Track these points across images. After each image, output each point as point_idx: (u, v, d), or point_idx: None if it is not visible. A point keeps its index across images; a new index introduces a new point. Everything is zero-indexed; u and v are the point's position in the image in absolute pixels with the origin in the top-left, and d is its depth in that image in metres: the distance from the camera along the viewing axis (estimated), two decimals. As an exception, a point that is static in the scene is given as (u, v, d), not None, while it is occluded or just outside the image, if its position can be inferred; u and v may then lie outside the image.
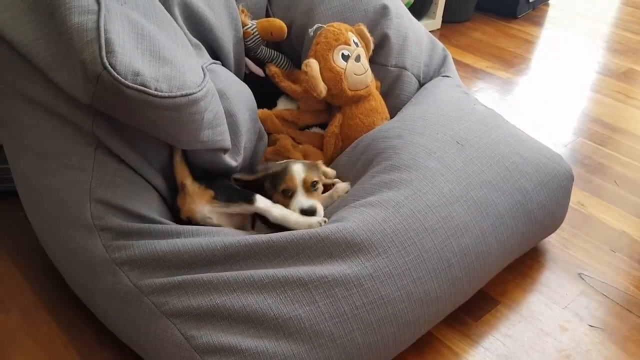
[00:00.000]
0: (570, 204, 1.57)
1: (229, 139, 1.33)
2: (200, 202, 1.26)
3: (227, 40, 1.60)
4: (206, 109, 1.18)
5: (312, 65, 1.52)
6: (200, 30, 1.50)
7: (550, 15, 3.22)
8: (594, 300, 1.44)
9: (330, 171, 1.45)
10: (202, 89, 1.15)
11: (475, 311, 1.38)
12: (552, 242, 1.60)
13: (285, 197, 1.30)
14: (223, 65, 1.54)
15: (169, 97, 1.08)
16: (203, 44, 1.49)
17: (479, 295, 1.38)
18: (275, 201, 1.30)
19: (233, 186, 1.33)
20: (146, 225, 1.17)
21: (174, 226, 1.21)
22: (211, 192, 1.27)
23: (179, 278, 1.10)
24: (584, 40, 2.93)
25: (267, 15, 1.83)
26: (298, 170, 1.31)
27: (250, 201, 1.26)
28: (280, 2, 1.81)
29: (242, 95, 1.47)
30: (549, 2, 3.37)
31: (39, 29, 1.13)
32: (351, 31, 1.59)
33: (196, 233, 1.20)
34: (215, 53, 1.56)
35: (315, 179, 1.32)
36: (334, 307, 1.09)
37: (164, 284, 1.10)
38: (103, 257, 1.15)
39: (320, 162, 1.42)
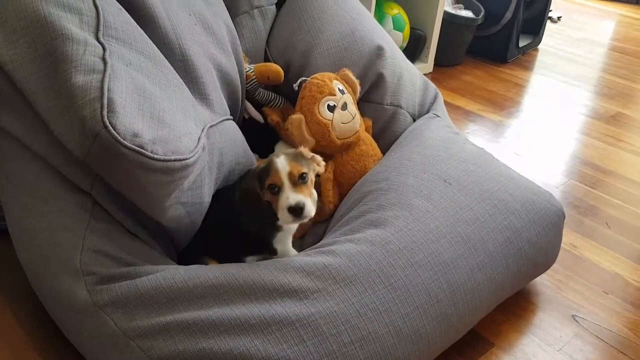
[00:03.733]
0: (563, 245, 1.58)
1: (208, 200, 1.33)
2: None
3: (237, 82, 1.63)
4: (193, 172, 1.19)
5: (293, 122, 1.54)
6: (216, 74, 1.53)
7: (539, 60, 3.29)
8: (588, 343, 1.43)
9: (318, 157, 1.32)
10: (194, 155, 1.16)
11: (470, 353, 1.36)
12: (545, 284, 1.60)
13: (272, 193, 1.23)
14: (229, 107, 1.56)
15: (164, 160, 1.09)
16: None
17: (473, 336, 1.37)
18: (265, 199, 1.26)
19: None
20: (131, 268, 1.17)
21: (157, 266, 1.21)
22: None
23: (164, 320, 1.08)
24: (573, 84, 2.99)
25: (266, 57, 1.86)
26: (282, 163, 1.21)
27: None
28: (278, 44, 1.85)
29: (239, 157, 1.49)
30: (539, 47, 3.45)
31: (40, 81, 1.14)
32: (336, 79, 1.61)
33: (177, 268, 1.19)
34: (228, 97, 1.59)
35: (304, 170, 1.22)
36: (323, 346, 1.07)
37: (150, 328, 1.08)
38: (86, 300, 1.14)
39: (305, 150, 1.30)
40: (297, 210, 1.18)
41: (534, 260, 1.44)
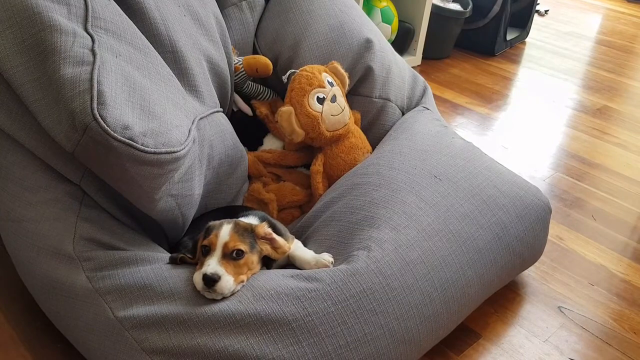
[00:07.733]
0: (549, 237, 1.59)
1: (198, 192, 1.33)
2: None
3: (226, 74, 1.62)
4: (183, 165, 1.19)
5: (283, 114, 1.53)
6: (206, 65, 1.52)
7: (527, 53, 3.30)
8: (574, 334, 1.45)
9: (279, 241, 1.20)
10: (185, 147, 1.16)
11: (458, 345, 1.38)
12: (532, 276, 1.62)
13: (202, 253, 1.14)
14: (219, 99, 1.55)
15: (154, 153, 1.08)
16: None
17: (461, 328, 1.38)
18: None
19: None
20: (130, 253, 1.17)
21: (160, 254, 1.21)
22: None
23: (161, 313, 1.08)
24: (560, 77, 3.01)
25: (254, 50, 1.86)
26: (225, 231, 1.13)
27: None
28: (266, 37, 1.84)
29: (229, 150, 1.48)
30: (526, 40, 3.47)
31: (27, 73, 1.12)
32: (325, 71, 1.61)
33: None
34: (218, 89, 1.58)
35: (241, 247, 1.12)
36: (318, 347, 1.07)
37: (146, 319, 1.08)
38: (86, 287, 1.13)
39: (265, 230, 1.19)
40: (208, 281, 1.08)
41: (521, 255, 1.45)
